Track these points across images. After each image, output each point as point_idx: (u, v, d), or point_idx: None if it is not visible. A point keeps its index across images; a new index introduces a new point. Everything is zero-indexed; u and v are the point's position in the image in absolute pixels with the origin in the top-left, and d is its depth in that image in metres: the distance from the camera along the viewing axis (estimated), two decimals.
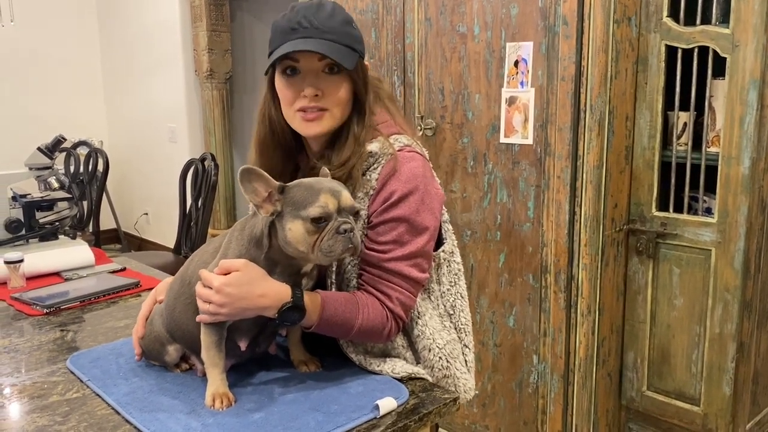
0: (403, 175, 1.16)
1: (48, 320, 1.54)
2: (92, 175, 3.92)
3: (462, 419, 2.34)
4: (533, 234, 2.03)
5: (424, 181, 1.18)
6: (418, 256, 1.17)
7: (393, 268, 1.15)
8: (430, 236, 1.19)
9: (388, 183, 1.16)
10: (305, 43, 1.12)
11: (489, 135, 2.09)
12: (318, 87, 1.15)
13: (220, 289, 1.03)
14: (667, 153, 1.95)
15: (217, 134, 4.66)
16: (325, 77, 1.16)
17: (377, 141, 1.19)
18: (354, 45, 1.16)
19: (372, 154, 1.18)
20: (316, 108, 1.16)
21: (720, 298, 1.86)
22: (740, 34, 1.73)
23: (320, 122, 1.17)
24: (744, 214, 1.79)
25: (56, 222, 2.15)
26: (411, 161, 1.18)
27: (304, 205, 1.03)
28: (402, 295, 1.16)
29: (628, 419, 2.15)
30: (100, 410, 1.09)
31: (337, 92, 1.17)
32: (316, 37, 1.12)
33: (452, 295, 1.29)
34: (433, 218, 1.19)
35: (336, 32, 1.13)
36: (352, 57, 1.15)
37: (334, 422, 1.02)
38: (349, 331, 1.14)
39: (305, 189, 1.05)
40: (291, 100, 1.18)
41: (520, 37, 1.97)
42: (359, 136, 1.19)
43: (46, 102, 5.11)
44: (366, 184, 1.17)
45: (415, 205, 1.16)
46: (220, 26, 4.55)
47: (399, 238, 1.15)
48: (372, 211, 1.17)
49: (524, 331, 2.11)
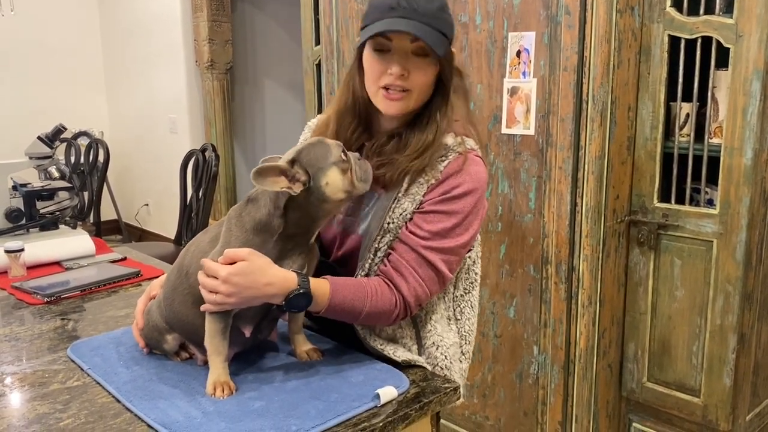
0: (468, 174, 1.19)
1: (48, 309, 1.54)
2: (93, 165, 3.91)
3: (462, 410, 2.35)
4: (534, 225, 2.03)
5: (483, 188, 1.21)
6: (453, 254, 1.19)
7: (427, 256, 1.16)
8: (470, 239, 1.21)
9: (452, 177, 1.18)
10: (403, 23, 1.12)
11: (491, 125, 2.08)
12: (406, 67, 1.16)
13: (227, 279, 1.03)
14: (669, 144, 1.94)
15: (218, 125, 4.66)
16: (413, 59, 1.16)
17: (451, 135, 1.22)
18: (447, 31, 1.17)
19: (445, 146, 1.20)
20: (400, 88, 1.17)
21: (721, 290, 1.86)
22: (744, 24, 1.72)
23: (402, 102, 1.18)
24: (746, 205, 1.78)
25: (57, 212, 2.15)
26: (478, 165, 1.21)
27: (325, 156, 1.08)
28: (420, 288, 1.17)
29: (629, 410, 2.16)
30: (100, 398, 1.09)
31: (423, 75, 1.18)
32: (413, 19, 1.12)
33: (464, 301, 1.31)
34: (478, 224, 1.22)
35: (433, 16, 1.14)
36: (444, 43, 1.16)
37: (335, 411, 1.02)
38: (357, 317, 1.15)
39: (310, 146, 1.10)
40: (377, 76, 1.18)
41: (523, 27, 1.96)
42: (441, 123, 1.20)
43: (47, 92, 5.10)
44: (429, 172, 1.18)
45: (470, 206, 1.18)
46: (221, 16, 4.54)
47: (444, 231, 1.17)
48: (427, 199, 1.18)
49: (525, 322, 2.11)
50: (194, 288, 1.11)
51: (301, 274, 1.09)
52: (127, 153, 5.34)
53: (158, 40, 4.79)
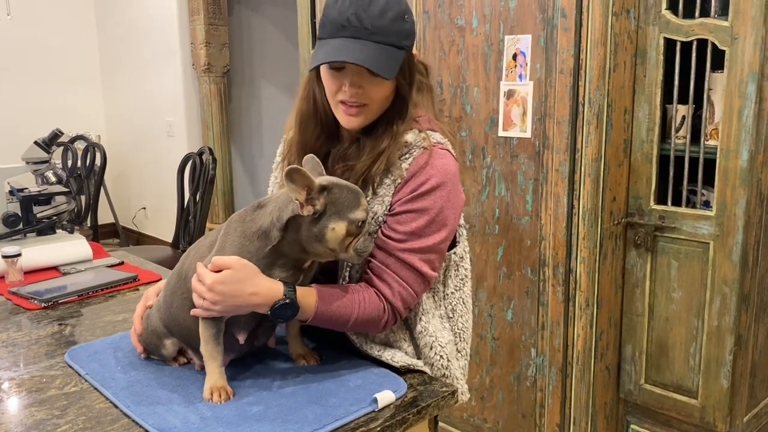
0: (434, 168, 1.16)
1: (46, 314, 1.54)
2: (90, 169, 3.91)
3: (460, 413, 2.35)
4: (531, 227, 2.03)
5: (453, 180, 1.18)
6: (432, 252, 1.17)
7: (405, 258, 1.15)
8: (448, 234, 1.19)
9: (418, 174, 1.16)
10: (350, 49, 1.10)
11: (487, 128, 2.09)
12: (359, 84, 1.14)
13: (212, 287, 1.04)
14: (665, 146, 1.95)
15: (215, 128, 4.66)
16: (367, 76, 1.14)
17: (413, 132, 1.19)
18: (402, 42, 1.14)
19: (407, 144, 1.18)
20: (357, 102, 1.16)
21: (718, 291, 1.86)
22: (739, 26, 1.72)
23: (361, 116, 1.18)
24: (742, 207, 1.79)
25: (54, 216, 2.15)
26: (444, 158, 1.18)
27: (350, 208, 1.05)
28: (404, 291, 1.15)
29: (626, 412, 2.16)
30: (98, 404, 1.09)
31: (379, 90, 1.16)
32: (362, 38, 1.10)
33: (455, 299, 1.29)
34: (454, 217, 1.19)
35: (385, 32, 1.11)
36: (395, 61, 1.13)
37: (333, 415, 1.02)
38: (345, 325, 1.14)
39: (347, 191, 1.06)
40: (333, 92, 1.18)
41: (519, 30, 1.96)
42: (397, 132, 1.18)
43: (44, 96, 5.09)
44: (395, 172, 1.17)
45: (441, 200, 1.16)
46: (218, 20, 4.54)
47: (419, 230, 1.15)
48: (396, 200, 1.17)
49: (522, 324, 2.11)
50: (191, 292, 1.11)
51: (288, 284, 1.07)
52: (124, 157, 5.33)
53: (155, 43, 4.79)
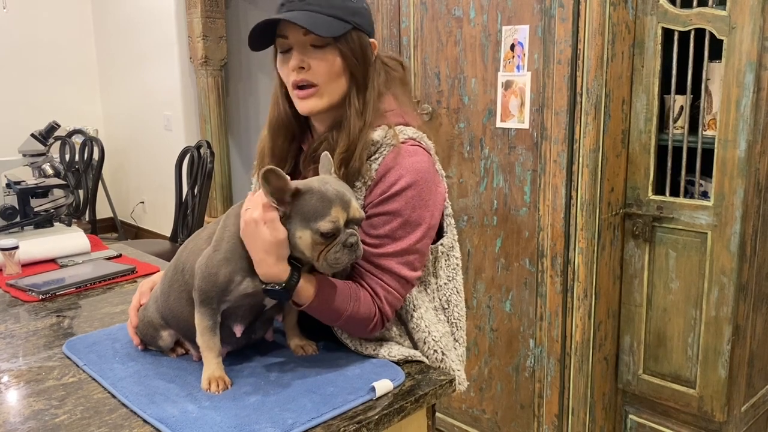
0: (403, 168, 1.13)
1: (44, 306, 1.54)
2: (88, 163, 3.90)
3: (459, 403, 2.35)
4: (530, 218, 2.03)
5: (425, 177, 1.14)
6: (410, 253, 1.14)
7: (384, 264, 1.13)
8: (425, 233, 1.16)
9: (387, 175, 1.13)
10: (285, 16, 1.10)
11: (485, 119, 2.08)
12: (304, 60, 1.13)
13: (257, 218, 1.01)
14: (663, 136, 1.95)
15: (213, 122, 4.65)
16: (312, 51, 1.14)
17: (381, 129, 1.16)
18: (345, 16, 1.13)
19: (374, 143, 1.15)
20: (306, 83, 1.15)
21: (716, 282, 1.87)
22: (737, 16, 1.72)
23: (314, 98, 1.16)
24: (740, 197, 1.79)
25: (51, 209, 2.15)
26: (413, 155, 1.15)
27: (315, 217, 1.01)
28: (390, 295, 1.14)
29: (625, 402, 2.16)
30: (96, 394, 1.09)
31: (325, 66, 1.14)
32: (298, 9, 1.11)
33: (449, 289, 1.28)
34: (429, 215, 1.16)
35: (322, 4, 1.11)
36: (333, 27, 1.12)
37: (331, 404, 1.02)
38: (337, 319, 1.13)
39: (318, 198, 1.01)
40: (286, 77, 1.17)
41: (516, 21, 1.95)
42: (362, 113, 1.16)
43: (40, 90, 5.08)
44: (365, 174, 1.14)
45: (411, 201, 1.13)
46: (215, 13, 4.52)
47: (392, 232, 1.13)
48: (368, 202, 1.14)
49: (521, 315, 2.11)
50: (189, 285, 1.11)
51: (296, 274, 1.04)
52: (121, 150, 5.32)
53: (152, 36, 4.77)
